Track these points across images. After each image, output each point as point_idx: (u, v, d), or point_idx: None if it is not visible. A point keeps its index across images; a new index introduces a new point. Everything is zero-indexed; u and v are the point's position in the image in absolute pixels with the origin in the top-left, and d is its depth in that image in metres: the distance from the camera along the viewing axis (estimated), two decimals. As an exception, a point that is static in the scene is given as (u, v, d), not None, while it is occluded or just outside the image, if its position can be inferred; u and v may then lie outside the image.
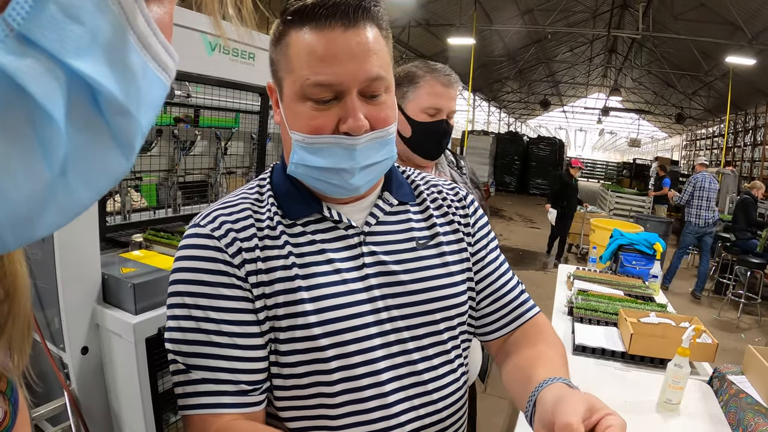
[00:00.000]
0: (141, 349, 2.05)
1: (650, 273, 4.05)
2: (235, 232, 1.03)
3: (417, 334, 1.10)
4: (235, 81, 2.72)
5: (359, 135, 0.99)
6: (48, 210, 0.38)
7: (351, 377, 1.03)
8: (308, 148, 1.01)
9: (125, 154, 0.41)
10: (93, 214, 2.12)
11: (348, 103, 0.98)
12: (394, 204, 1.16)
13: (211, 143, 3.05)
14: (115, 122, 0.39)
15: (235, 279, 1.00)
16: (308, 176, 1.05)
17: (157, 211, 2.77)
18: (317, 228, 1.08)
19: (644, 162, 25.77)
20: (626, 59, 24.42)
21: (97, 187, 0.42)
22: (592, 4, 19.33)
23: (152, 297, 2.11)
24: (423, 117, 2.06)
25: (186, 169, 2.89)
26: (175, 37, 1.93)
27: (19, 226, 0.37)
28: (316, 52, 0.96)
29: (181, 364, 0.98)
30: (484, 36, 19.42)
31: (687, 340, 2.15)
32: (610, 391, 2.37)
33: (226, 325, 0.99)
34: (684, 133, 36.69)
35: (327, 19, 0.95)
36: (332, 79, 0.96)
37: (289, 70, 1.00)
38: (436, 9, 17.09)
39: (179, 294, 1.00)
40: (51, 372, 2.14)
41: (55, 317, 2.09)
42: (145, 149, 2.70)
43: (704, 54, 17.98)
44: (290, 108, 1.03)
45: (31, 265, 2.14)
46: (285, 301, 1.01)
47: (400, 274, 1.10)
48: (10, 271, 0.95)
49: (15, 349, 0.96)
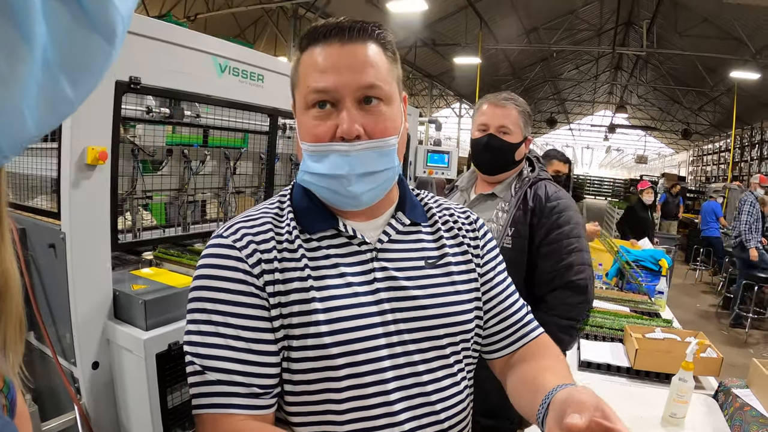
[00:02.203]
0: (151, 364, 2.08)
1: (656, 289, 4.06)
2: (255, 244, 1.08)
3: (422, 348, 1.13)
4: (244, 102, 2.77)
5: (353, 141, 1.05)
6: (38, 103, 0.38)
7: (359, 385, 1.07)
8: (312, 155, 1.09)
9: (106, 37, 0.42)
10: (105, 231, 2.16)
11: (342, 111, 1.05)
12: (406, 223, 1.21)
13: (220, 163, 3.10)
14: (90, 3, 0.39)
15: (254, 288, 1.05)
16: (313, 183, 1.12)
17: (166, 229, 2.80)
18: (332, 243, 1.14)
19: (651, 178, 25.73)
20: (631, 76, 24.48)
21: (84, 76, 0.42)
22: (596, 22, 19.42)
23: (163, 313, 2.14)
24: (476, 134, 2.33)
25: (196, 189, 2.94)
26: (186, 59, 2.01)
27: (11, 125, 0.37)
28: (317, 64, 1.06)
29: (197, 366, 1.03)
30: (490, 55, 19.50)
31: (691, 354, 2.16)
32: (615, 407, 2.38)
33: (244, 330, 1.04)
34: (690, 148, 36.60)
35: (324, 38, 1.06)
36: (329, 85, 1.04)
37: (298, 84, 1.11)
38: (442, 29, 17.20)
39: (200, 300, 1.05)
40: (62, 386, 2.17)
41: (67, 332, 2.12)
42: (156, 168, 2.75)
43: (709, 69, 18.00)
44: (299, 120, 1.12)
45: (41, 274, 2.17)
46: (299, 311, 1.05)
47: (409, 290, 1.14)
48: (1, 270, 0.98)
49: (9, 346, 1.00)
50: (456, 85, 24.60)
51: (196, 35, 2.48)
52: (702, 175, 31.11)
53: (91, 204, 2.10)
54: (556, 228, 2.15)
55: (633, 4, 17.50)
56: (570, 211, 2.18)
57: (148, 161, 2.69)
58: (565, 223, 2.15)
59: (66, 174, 2.01)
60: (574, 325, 2.11)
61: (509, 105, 2.27)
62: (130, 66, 2.12)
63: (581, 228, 2.20)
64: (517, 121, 2.27)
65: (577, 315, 2.11)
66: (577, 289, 2.11)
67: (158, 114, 2.45)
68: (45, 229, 2.15)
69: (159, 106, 2.46)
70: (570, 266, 2.11)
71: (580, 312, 2.12)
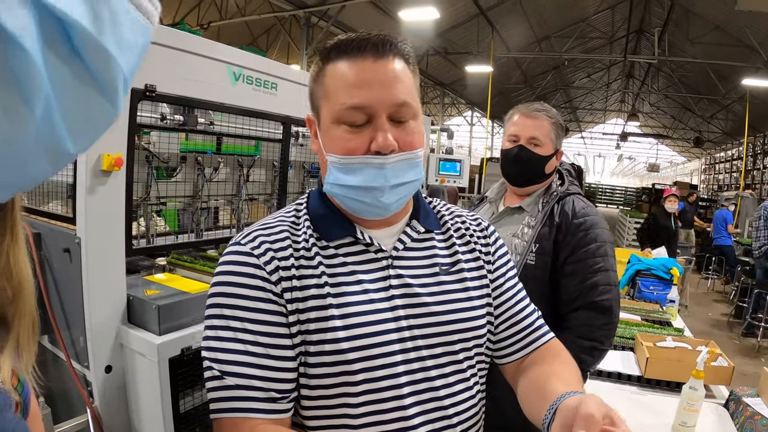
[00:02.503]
0: (164, 368, 2.10)
1: (667, 298, 4.05)
2: (273, 252, 1.10)
3: (436, 353, 1.15)
4: (257, 110, 2.80)
5: (388, 154, 1.07)
6: (37, 156, 0.39)
7: (374, 389, 1.09)
8: (342, 168, 1.09)
9: (109, 98, 0.42)
10: (120, 236, 2.19)
11: (378, 124, 1.07)
12: (421, 231, 1.23)
13: (233, 170, 3.13)
14: (93, 62, 0.39)
15: (272, 294, 1.07)
16: (342, 195, 1.13)
17: (179, 235, 2.82)
18: (349, 251, 1.16)
19: (663, 187, 25.62)
20: (643, 84, 24.39)
21: (86, 133, 0.43)
22: (608, 30, 19.37)
23: (176, 318, 2.16)
24: (507, 145, 2.29)
25: (209, 195, 2.97)
26: (201, 68, 2.04)
27: (5, 174, 0.38)
28: (350, 79, 1.07)
29: (216, 371, 1.04)
30: (502, 63, 19.45)
31: (701, 363, 2.16)
32: (626, 415, 2.36)
33: (262, 336, 1.06)
34: (703, 156, 36.37)
35: (359, 51, 1.07)
36: (364, 102, 1.06)
37: (326, 97, 1.11)
38: (453, 37, 17.20)
39: (219, 306, 1.07)
40: (75, 389, 2.20)
41: (81, 336, 2.15)
42: (170, 175, 2.78)
43: (721, 77, 17.89)
44: (327, 132, 1.12)
45: (55, 278, 2.20)
46: (317, 317, 1.07)
47: (423, 296, 1.16)
48: (16, 272, 1.01)
49: (23, 346, 1.02)
50: (468, 94, 24.60)
51: (210, 44, 2.51)
52: (714, 184, 30.88)
53: (106, 210, 2.12)
54: (581, 246, 2.09)
55: (644, 12, 17.47)
56: (597, 229, 2.10)
57: (162, 168, 2.72)
58: (591, 241, 2.09)
59: (82, 180, 2.04)
60: (597, 346, 2.03)
61: (542, 116, 2.23)
62: (145, 74, 2.15)
63: (609, 246, 2.13)
64: (549, 133, 2.22)
65: (600, 336, 2.03)
66: (600, 309, 2.04)
67: (172, 121, 2.48)
68: (60, 233, 2.18)
69: (173, 113, 2.48)
70: (594, 286, 2.05)
71: (603, 333, 2.04)
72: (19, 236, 1.02)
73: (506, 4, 15.60)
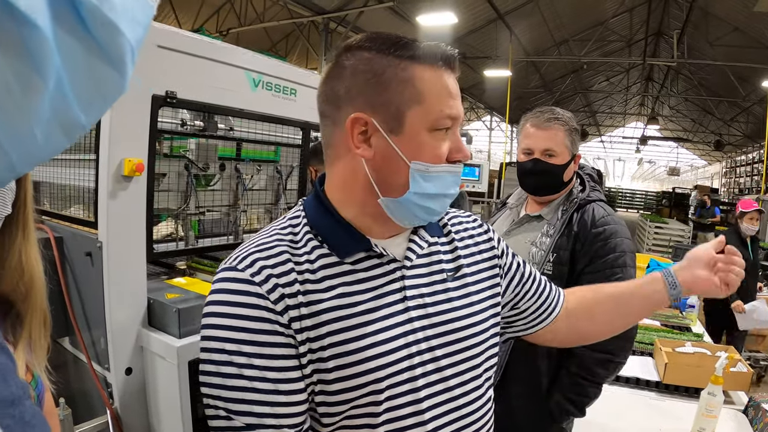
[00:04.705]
0: (183, 371, 2.12)
1: (687, 303, 4.02)
2: (275, 278, 1.02)
3: (455, 361, 1.14)
4: (277, 116, 2.82)
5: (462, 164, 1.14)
6: (51, 127, 0.40)
7: (396, 406, 1.06)
8: (427, 176, 1.07)
9: (118, 69, 0.43)
10: (141, 241, 2.22)
11: (457, 135, 1.11)
12: (430, 241, 1.21)
13: (272, 179, 3.17)
14: (102, 35, 0.40)
15: (278, 326, 1.00)
16: (416, 204, 1.08)
17: (200, 240, 2.85)
18: (364, 265, 1.10)
19: (684, 191, 25.38)
20: (663, 87, 24.23)
21: (95, 103, 0.44)
22: (626, 33, 19.30)
23: (196, 322, 2.17)
24: (521, 158, 2.27)
25: (248, 204, 3.02)
26: (221, 74, 2.07)
27: (24, 145, 0.40)
28: (448, 89, 1.08)
29: (222, 410, 0.99)
30: (520, 68, 19.44)
31: (720, 369, 2.14)
32: (644, 420, 2.37)
33: (270, 371, 0.99)
34: (723, 160, 36.04)
35: (449, 63, 1.10)
36: (457, 113, 1.09)
37: (418, 101, 1.05)
38: (472, 42, 17.20)
39: (219, 339, 0.99)
40: (95, 391, 2.23)
41: (102, 338, 2.17)
42: (207, 183, 2.82)
43: (741, 79, 17.74)
44: (415, 139, 1.06)
45: (77, 281, 2.24)
46: (331, 343, 1.02)
47: (435, 305, 1.15)
48: (27, 269, 1.04)
49: (35, 341, 1.05)
50: (486, 98, 24.58)
51: (230, 50, 2.54)
52: (735, 187, 30.60)
53: (127, 214, 2.15)
54: (600, 256, 2.04)
55: (663, 15, 17.38)
56: (617, 238, 2.05)
57: (201, 176, 2.75)
58: (610, 251, 2.03)
59: (103, 185, 2.07)
60: (611, 358, 1.99)
61: (554, 125, 2.17)
62: (166, 80, 2.18)
63: (629, 257, 2.06)
64: (564, 140, 2.16)
65: (614, 348, 1.98)
66: None
67: (192, 127, 2.51)
68: (82, 237, 2.21)
69: (193, 119, 2.51)
70: None
71: (618, 345, 1.96)
72: (30, 235, 1.06)
73: (524, 8, 15.58)
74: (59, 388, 1.18)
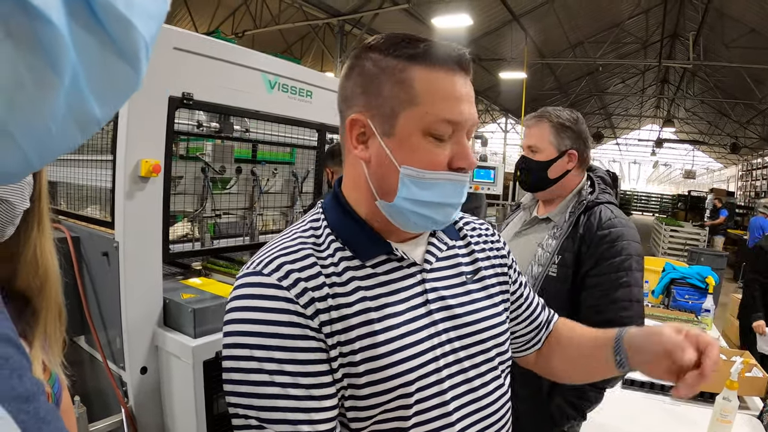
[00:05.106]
0: (198, 371, 2.13)
1: (702, 307, 3.98)
2: (304, 282, 1.00)
3: (476, 363, 1.14)
4: (293, 117, 2.83)
5: (469, 172, 1.06)
6: (66, 122, 0.40)
7: (425, 409, 1.05)
8: (420, 182, 1.02)
9: (132, 64, 0.43)
10: (157, 241, 2.23)
11: (463, 142, 1.04)
12: (449, 243, 1.21)
13: (288, 182, 3.20)
14: (116, 31, 0.40)
15: (309, 330, 0.97)
16: (411, 211, 1.05)
17: (215, 240, 2.86)
18: (386, 268, 1.09)
19: (700, 194, 25.19)
20: (678, 89, 24.04)
21: (110, 99, 0.44)
22: (642, 35, 19.16)
23: (211, 322, 2.20)
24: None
25: (264, 207, 3.04)
26: (237, 76, 2.07)
27: (39, 140, 0.40)
28: (447, 91, 1.01)
29: (253, 420, 0.96)
30: (536, 70, 19.37)
31: (735, 373, 2.13)
32: (658, 425, 2.35)
33: (302, 377, 0.96)
34: (740, 163, 35.71)
35: (453, 64, 1.02)
36: (459, 117, 1.01)
37: (412, 104, 1.01)
38: (487, 44, 17.17)
39: (246, 346, 0.96)
40: (110, 389, 2.24)
41: (117, 337, 2.19)
42: (224, 186, 2.84)
43: (757, 81, 17.58)
44: (406, 142, 1.03)
45: (93, 280, 2.25)
46: (362, 347, 1.00)
47: (456, 308, 1.14)
48: (42, 264, 1.05)
49: (50, 335, 1.06)
50: (502, 100, 24.49)
51: (246, 52, 2.56)
52: (751, 190, 30.30)
53: (143, 215, 2.17)
54: (605, 259, 2.00)
55: (679, 16, 17.24)
56: (623, 241, 2.01)
57: (217, 179, 2.77)
58: (615, 254, 1.99)
59: (120, 185, 2.09)
60: None
61: (541, 121, 2.19)
62: (183, 82, 2.20)
63: (636, 260, 2.02)
64: (548, 136, 2.16)
65: None
66: (620, 326, 1.92)
67: (208, 128, 2.52)
68: (99, 237, 2.23)
69: (209, 120, 2.53)
70: (614, 302, 1.97)
71: None
72: (45, 229, 1.08)
73: (539, 9, 15.53)
74: (75, 385, 1.19)
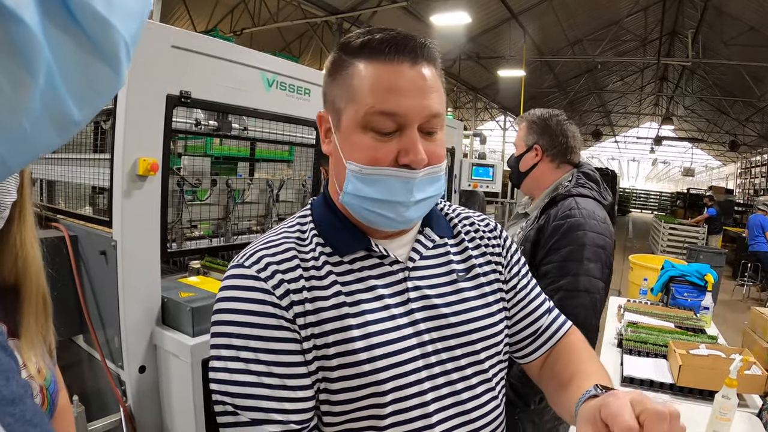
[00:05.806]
0: (197, 369, 2.13)
1: (702, 305, 3.98)
2: (281, 274, 1.02)
3: (461, 365, 1.12)
4: (291, 116, 2.83)
5: (419, 169, 1.00)
6: (42, 123, 0.40)
7: (402, 409, 1.04)
8: (364, 178, 1.01)
9: (111, 65, 0.42)
10: (155, 239, 2.23)
11: (410, 136, 0.99)
12: (436, 241, 1.19)
13: (263, 192, 3.18)
14: (93, 30, 0.39)
15: (284, 321, 0.99)
16: (361, 207, 1.04)
17: (213, 239, 2.86)
18: (364, 264, 1.09)
19: (698, 191, 25.22)
20: (677, 87, 24.06)
21: (89, 99, 0.43)
22: (641, 33, 19.18)
23: (209, 320, 2.17)
24: None
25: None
26: (235, 74, 2.07)
27: (14, 141, 0.39)
28: (384, 83, 0.98)
29: (229, 406, 0.98)
30: (534, 68, 19.38)
31: (735, 371, 2.12)
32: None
33: (276, 366, 0.98)
34: (738, 160, 35.75)
35: (395, 54, 0.98)
36: (397, 109, 0.98)
37: (352, 99, 1.01)
38: (485, 42, 17.16)
39: (226, 335, 0.99)
40: (109, 388, 2.24)
41: (116, 336, 2.19)
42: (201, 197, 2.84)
43: (756, 79, 17.61)
44: (349, 138, 1.03)
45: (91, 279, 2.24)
46: (335, 341, 1.01)
47: (442, 307, 1.12)
48: (21, 255, 1.06)
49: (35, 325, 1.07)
50: (500, 98, 24.49)
51: (244, 51, 2.56)
52: (750, 188, 30.33)
53: (141, 213, 2.17)
54: (554, 249, 2.02)
55: (677, 14, 17.26)
56: (578, 231, 1.99)
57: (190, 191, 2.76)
58: (567, 244, 1.99)
59: (118, 184, 2.09)
60: None
61: (521, 122, 2.33)
62: (181, 80, 2.19)
63: (590, 250, 1.99)
64: (523, 134, 2.28)
65: None
66: (566, 316, 1.87)
67: (206, 126, 2.52)
68: (96, 236, 2.23)
69: (207, 118, 2.52)
70: (557, 290, 1.96)
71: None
72: (27, 219, 1.09)
73: (538, 7, 15.54)
74: (72, 383, 1.19)
